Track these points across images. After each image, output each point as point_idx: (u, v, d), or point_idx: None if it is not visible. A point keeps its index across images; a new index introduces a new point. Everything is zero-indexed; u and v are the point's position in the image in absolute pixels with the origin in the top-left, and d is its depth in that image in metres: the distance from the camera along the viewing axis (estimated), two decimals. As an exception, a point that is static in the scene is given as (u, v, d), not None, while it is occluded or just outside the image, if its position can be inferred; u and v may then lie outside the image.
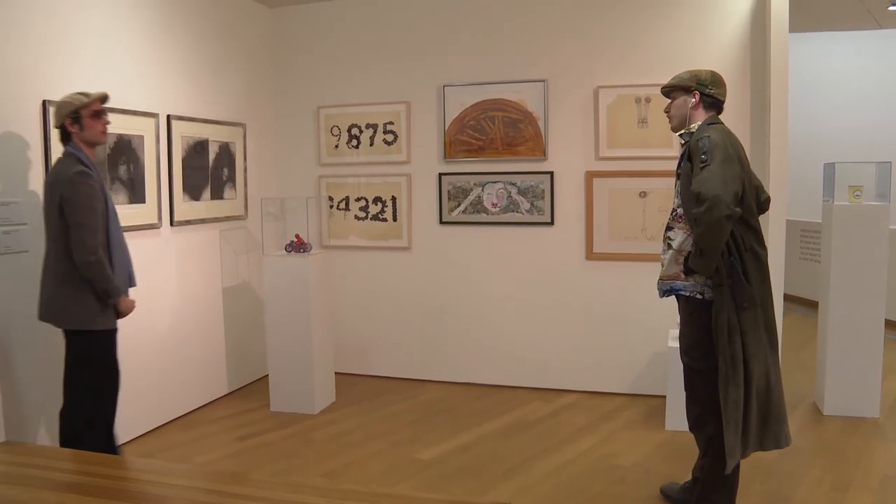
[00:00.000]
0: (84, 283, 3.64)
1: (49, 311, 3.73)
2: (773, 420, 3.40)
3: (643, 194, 5.62)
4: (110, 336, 3.83)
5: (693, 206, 3.26)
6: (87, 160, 3.71)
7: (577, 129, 5.77)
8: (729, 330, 3.28)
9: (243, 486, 2.76)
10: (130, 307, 3.88)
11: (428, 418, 5.36)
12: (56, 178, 3.63)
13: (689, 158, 3.36)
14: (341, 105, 6.37)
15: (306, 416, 5.41)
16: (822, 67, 9.70)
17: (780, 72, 5.11)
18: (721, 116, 3.59)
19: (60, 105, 3.70)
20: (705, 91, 3.45)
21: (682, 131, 3.50)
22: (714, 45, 5.45)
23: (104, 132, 3.81)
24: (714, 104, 3.49)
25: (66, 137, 3.72)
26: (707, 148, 3.24)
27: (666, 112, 3.63)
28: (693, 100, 3.47)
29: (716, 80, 3.49)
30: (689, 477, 3.87)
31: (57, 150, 3.87)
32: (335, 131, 6.40)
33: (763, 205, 3.61)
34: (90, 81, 4.49)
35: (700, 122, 3.45)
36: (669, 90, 3.58)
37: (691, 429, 3.64)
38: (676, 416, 4.88)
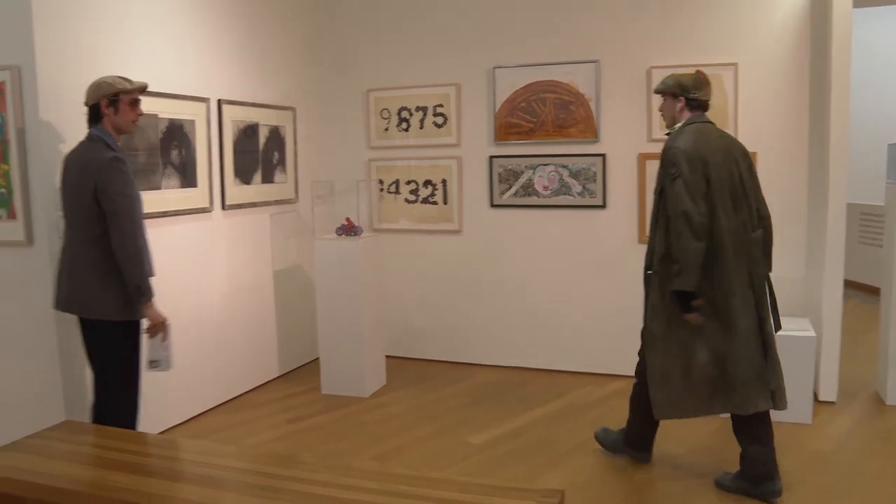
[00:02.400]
0: (116, 273, 3.52)
1: (75, 302, 3.61)
2: (722, 387, 3.69)
3: (698, 176, 5.49)
4: (136, 327, 3.70)
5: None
6: (116, 146, 3.59)
7: (629, 111, 5.66)
8: (654, 311, 3.82)
9: (294, 469, 2.77)
10: (157, 320, 3.65)
11: (478, 402, 5.34)
12: (87, 164, 3.49)
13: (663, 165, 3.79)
14: (391, 88, 6.35)
15: (357, 399, 5.43)
16: (886, 43, 9.37)
17: (842, 47, 4.92)
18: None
19: (99, 84, 3.58)
20: (688, 96, 3.81)
21: (669, 130, 3.92)
22: (772, 21, 5.30)
23: (135, 122, 3.71)
24: (699, 105, 3.84)
25: (94, 119, 3.60)
26: (674, 160, 3.66)
27: (660, 111, 4.00)
28: (679, 104, 3.85)
29: (698, 84, 3.82)
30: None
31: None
32: (385, 114, 6.39)
33: (763, 221, 3.84)
34: (143, 67, 4.54)
35: (683, 122, 3.82)
36: (660, 93, 3.96)
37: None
38: (731, 403, 4.79)
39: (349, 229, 5.56)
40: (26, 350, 4.15)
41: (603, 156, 5.74)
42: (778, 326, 3.82)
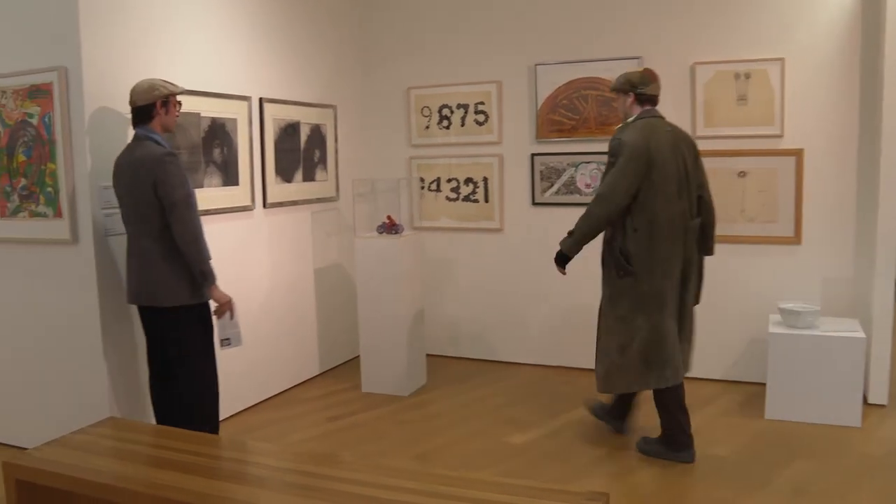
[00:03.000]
0: (181, 261, 3.73)
1: (145, 293, 3.81)
2: (656, 364, 4.02)
3: (742, 174, 5.40)
4: (206, 310, 3.93)
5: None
6: (166, 143, 3.82)
7: (673, 108, 5.55)
8: (602, 290, 4.27)
9: (334, 468, 2.77)
10: (223, 300, 3.88)
11: (518, 402, 5.31)
12: (142, 161, 3.69)
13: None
14: (432, 85, 6.33)
15: (397, 398, 5.43)
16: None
17: None
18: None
19: (155, 86, 3.79)
20: (637, 91, 4.14)
21: (621, 125, 4.21)
22: (820, 14, 5.16)
23: (176, 122, 3.97)
24: (648, 99, 4.16)
25: (144, 119, 3.80)
26: (617, 151, 4.02)
27: (614, 105, 4.42)
28: (629, 99, 4.17)
29: (645, 80, 4.13)
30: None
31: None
32: (426, 112, 6.38)
33: (704, 205, 4.20)
34: (186, 67, 4.59)
35: (634, 116, 4.15)
36: (613, 91, 4.28)
37: None
38: (777, 405, 4.74)
39: (390, 227, 5.56)
40: (72, 347, 4.22)
41: (646, 153, 5.66)
42: (697, 301, 4.30)
